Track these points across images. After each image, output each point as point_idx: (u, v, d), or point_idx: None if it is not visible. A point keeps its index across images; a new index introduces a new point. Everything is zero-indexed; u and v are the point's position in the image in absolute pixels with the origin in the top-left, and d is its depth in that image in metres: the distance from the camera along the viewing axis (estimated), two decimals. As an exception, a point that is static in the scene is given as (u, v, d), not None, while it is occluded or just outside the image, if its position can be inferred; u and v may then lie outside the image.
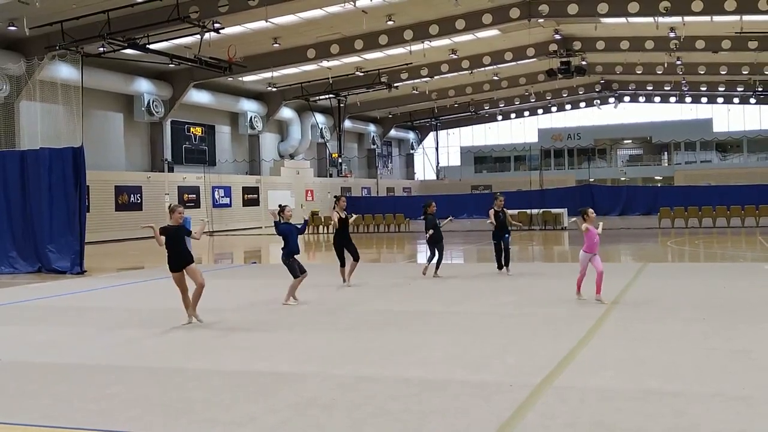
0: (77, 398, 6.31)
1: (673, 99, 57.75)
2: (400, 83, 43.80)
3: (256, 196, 43.51)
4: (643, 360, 7.12)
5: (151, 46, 28.27)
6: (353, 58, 38.09)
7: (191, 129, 41.53)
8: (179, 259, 9.76)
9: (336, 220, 13.70)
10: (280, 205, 11.99)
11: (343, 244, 13.72)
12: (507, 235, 14.93)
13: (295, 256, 11.55)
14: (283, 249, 11.54)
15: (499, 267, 14.95)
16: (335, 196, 14.83)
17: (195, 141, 41.80)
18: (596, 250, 10.80)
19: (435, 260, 14.62)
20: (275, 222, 11.68)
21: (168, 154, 39.15)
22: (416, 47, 35.10)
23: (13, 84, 27.25)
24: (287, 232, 11.49)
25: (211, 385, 6.62)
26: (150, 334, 9.28)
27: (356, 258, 13.77)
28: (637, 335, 8.36)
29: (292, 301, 11.50)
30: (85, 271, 17.88)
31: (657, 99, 58.73)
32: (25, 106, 26.88)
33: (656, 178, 61.79)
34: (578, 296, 11.01)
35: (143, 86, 36.43)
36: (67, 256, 18.07)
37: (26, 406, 6.10)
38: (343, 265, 13.78)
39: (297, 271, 11.44)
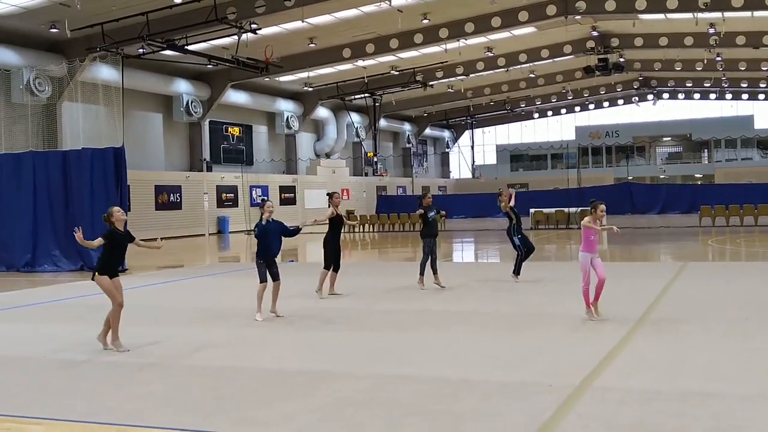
0: (116, 395, 6.42)
1: (713, 95, 56.74)
2: (436, 82, 43.68)
3: (292, 195, 43.80)
4: (683, 360, 7.03)
5: (190, 47, 28.59)
6: (388, 57, 38.09)
7: (229, 129, 41.92)
8: (116, 265, 8.66)
9: (327, 219, 12.11)
10: (262, 199, 10.61)
11: (333, 246, 12.23)
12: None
13: (275, 259, 10.34)
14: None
15: (517, 272, 13.42)
16: (328, 193, 12.59)
17: (233, 141, 42.19)
18: (595, 249, 9.38)
19: (428, 263, 12.94)
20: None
21: (206, 154, 39.58)
22: (452, 45, 34.97)
23: (56, 85, 27.77)
24: (261, 232, 10.19)
25: (248, 384, 6.68)
26: (187, 332, 9.39)
27: (336, 268, 12.30)
28: (678, 335, 8.24)
29: (258, 316, 10.10)
30: (126, 269, 18.13)
31: (697, 96, 57.73)
32: (67, 107, 27.39)
33: (696, 176, 60.79)
34: (588, 313, 9.29)
35: (182, 87, 36.87)
36: (108, 254, 18.32)
37: (67, 403, 6.23)
38: (328, 267, 12.23)
39: (263, 275, 10.17)
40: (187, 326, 9.74)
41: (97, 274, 8.49)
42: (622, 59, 41.56)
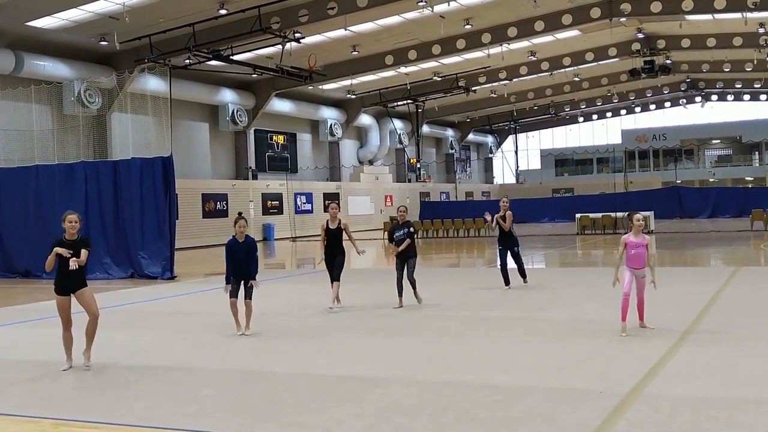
0: (170, 400, 6.53)
1: (763, 97, 55.59)
2: (478, 87, 43.58)
3: (336, 202, 44.03)
4: (737, 368, 6.89)
5: (235, 57, 29.03)
6: (431, 64, 38.15)
7: (274, 137, 42.38)
8: (68, 278, 7.75)
9: (323, 231, 11.53)
10: (239, 213, 9.88)
11: (332, 258, 11.61)
12: (515, 246, 13.64)
13: (241, 282, 9.55)
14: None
15: (507, 283, 13.41)
16: (327, 203, 11.92)
17: (277, 149, 42.63)
18: (639, 264, 8.80)
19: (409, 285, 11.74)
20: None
21: (252, 162, 40.07)
22: (494, 50, 34.85)
23: (105, 97, 28.40)
24: (233, 250, 9.63)
25: (299, 389, 6.75)
26: (237, 338, 9.50)
27: (335, 278, 11.59)
28: (730, 342, 8.08)
29: (241, 331, 9.65)
30: (176, 277, 18.44)
31: (746, 97, 56.61)
32: (117, 117, 27.96)
33: (747, 178, 59.50)
34: (622, 329, 8.64)
35: (227, 96, 37.40)
36: (158, 262, 18.68)
37: (122, 408, 6.35)
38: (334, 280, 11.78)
39: (234, 292, 9.62)
40: (236, 332, 9.83)
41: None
42: (668, 61, 40.98)
